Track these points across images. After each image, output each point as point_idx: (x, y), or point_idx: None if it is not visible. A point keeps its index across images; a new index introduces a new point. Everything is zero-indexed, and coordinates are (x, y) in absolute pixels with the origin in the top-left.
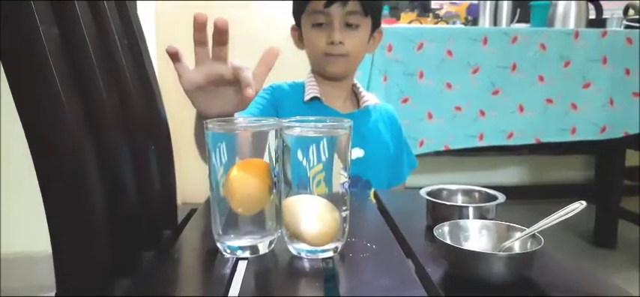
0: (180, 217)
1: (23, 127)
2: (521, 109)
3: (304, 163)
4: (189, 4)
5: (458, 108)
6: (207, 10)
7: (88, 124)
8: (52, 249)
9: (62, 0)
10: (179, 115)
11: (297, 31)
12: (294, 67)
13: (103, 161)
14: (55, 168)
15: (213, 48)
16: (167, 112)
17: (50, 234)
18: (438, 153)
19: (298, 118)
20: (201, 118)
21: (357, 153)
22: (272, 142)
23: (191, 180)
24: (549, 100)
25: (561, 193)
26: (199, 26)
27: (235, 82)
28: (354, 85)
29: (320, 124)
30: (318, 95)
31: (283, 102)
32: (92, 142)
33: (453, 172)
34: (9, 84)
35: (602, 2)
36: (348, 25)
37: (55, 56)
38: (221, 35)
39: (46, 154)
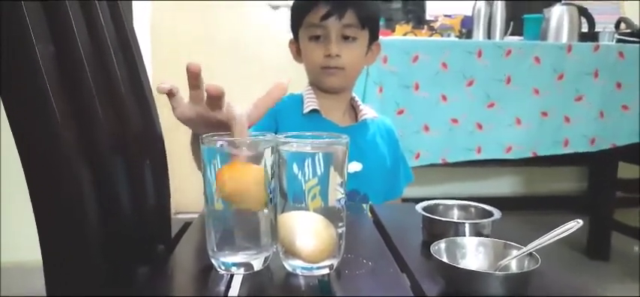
0: (174, 230)
1: (15, 140)
2: (519, 121)
3: (300, 176)
4: (185, 11)
5: (454, 120)
6: (202, 22)
7: (83, 139)
8: (43, 262)
9: (58, 17)
10: (174, 124)
11: (295, 44)
12: (291, 80)
13: (97, 176)
14: (47, 182)
15: (208, 101)
16: (162, 121)
17: (41, 246)
18: (432, 164)
19: (295, 133)
20: (196, 135)
21: (354, 167)
22: (268, 158)
23: (185, 190)
24: (544, 113)
25: (555, 205)
26: (193, 76)
27: (230, 124)
28: (352, 99)
29: (317, 141)
30: (317, 108)
31: (282, 114)
32: (86, 156)
33: (447, 182)
34: (3, 101)
35: (594, 16)
36: (345, 38)
37: (51, 73)
38: (215, 99)
39: (39, 169)
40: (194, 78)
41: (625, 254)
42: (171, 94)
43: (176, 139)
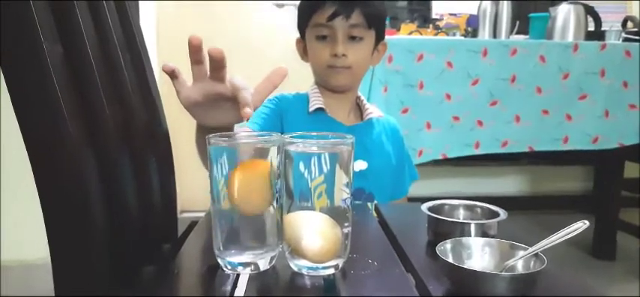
0: (180, 229)
1: (24, 138)
2: (518, 119)
3: (306, 175)
4: (190, 10)
5: (456, 118)
6: (207, 20)
7: (90, 137)
8: (51, 259)
9: (66, 16)
10: (180, 121)
11: (302, 43)
12: (296, 78)
13: (104, 174)
14: (55, 180)
15: (211, 71)
16: (168, 119)
17: (49, 244)
18: (437, 162)
19: (301, 133)
20: (201, 128)
21: (360, 165)
22: (274, 157)
23: (191, 188)
24: (545, 111)
25: (560, 204)
26: (194, 49)
27: (234, 98)
28: (358, 98)
29: (322, 140)
30: (323, 106)
31: (288, 112)
32: (93, 154)
33: (452, 181)
34: (11, 98)
35: (601, 14)
36: (352, 38)
37: (58, 71)
38: (217, 63)
39: (46, 167)
40: (196, 51)
41: (630, 254)
42: (174, 76)
43: (182, 137)
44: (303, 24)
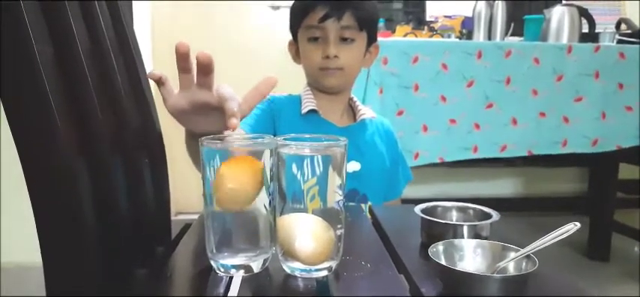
0: (174, 231)
1: (15, 140)
2: (515, 122)
3: (299, 176)
4: (185, 10)
5: (452, 121)
6: (202, 22)
7: (82, 140)
8: (43, 263)
9: (57, 17)
10: (174, 123)
11: (294, 45)
12: (289, 80)
13: (97, 177)
14: (47, 183)
15: (198, 77)
16: (162, 120)
17: (41, 247)
18: (432, 164)
19: (294, 135)
20: (190, 133)
21: (353, 166)
22: (267, 160)
23: (186, 190)
24: (542, 114)
25: (555, 206)
26: (182, 56)
27: (220, 107)
28: (350, 99)
29: (315, 143)
30: (316, 108)
31: (281, 114)
32: (86, 157)
33: (447, 183)
34: (2, 101)
35: (594, 17)
36: (344, 40)
37: (50, 74)
38: (205, 68)
39: (38, 169)
40: (183, 59)
41: (625, 255)
42: (160, 83)
43: (176, 139)
44: (295, 26)
